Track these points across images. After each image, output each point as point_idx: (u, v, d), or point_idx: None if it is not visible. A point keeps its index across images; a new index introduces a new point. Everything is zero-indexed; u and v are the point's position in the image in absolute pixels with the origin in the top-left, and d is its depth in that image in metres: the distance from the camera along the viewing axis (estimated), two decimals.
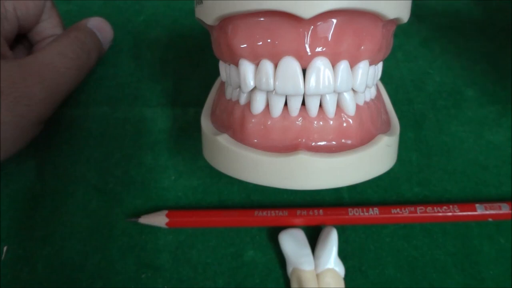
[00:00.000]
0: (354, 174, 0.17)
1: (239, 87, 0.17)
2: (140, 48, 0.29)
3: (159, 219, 0.22)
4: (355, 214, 0.22)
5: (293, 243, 0.21)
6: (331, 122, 0.17)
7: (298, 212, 0.22)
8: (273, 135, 0.17)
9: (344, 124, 0.17)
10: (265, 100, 0.17)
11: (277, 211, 0.22)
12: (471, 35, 0.31)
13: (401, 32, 0.31)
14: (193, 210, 0.23)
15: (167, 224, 0.22)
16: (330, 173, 0.16)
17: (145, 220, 0.22)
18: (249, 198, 0.23)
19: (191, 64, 0.28)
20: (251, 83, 0.17)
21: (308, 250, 0.21)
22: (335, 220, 0.22)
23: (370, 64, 0.17)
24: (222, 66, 0.19)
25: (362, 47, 0.16)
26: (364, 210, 0.22)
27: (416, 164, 0.25)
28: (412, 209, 0.22)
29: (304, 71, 0.16)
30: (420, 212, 0.22)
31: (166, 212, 0.22)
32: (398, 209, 0.22)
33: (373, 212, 0.22)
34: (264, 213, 0.22)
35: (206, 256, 0.22)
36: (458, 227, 0.23)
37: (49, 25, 0.25)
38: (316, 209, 0.22)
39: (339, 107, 0.17)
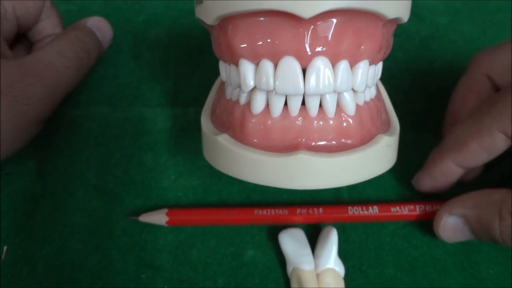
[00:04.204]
0: (354, 174, 0.17)
1: (239, 87, 0.17)
2: (140, 48, 0.29)
3: (159, 218, 0.22)
4: (355, 212, 0.22)
5: (293, 243, 0.21)
6: (331, 122, 0.17)
7: (298, 210, 0.22)
8: (273, 135, 0.17)
9: (344, 124, 0.17)
10: (265, 100, 0.17)
11: (277, 210, 0.22)
12: (470, 35, 0.31)
13: (401, 32, 0.31)
14: (193, 208, 0.23)
15: (167, 222, 0.22)
16: (330, 173, 0.16)
17: (145, 218, 0.22)
18: (249, 198, 0.23)
19: (191, 64, 0.28)
20: (251, 83, 0.17)
21: (308, 249, 0.21)
22: (335, 218, 0.22)
23: (370, 64, 0.17)
24: (222, 66, 0.19)
25: (362, 47, 0.16)
26: (364, 208, 0.22)
27: (416, 164, 0.25)
28: (412, 207, 0.22)
29: (304, 71, 0.16)
30: (420, 211, 0.22)
31: (166, 210, 0.22)
32: (397, 207, 0.22)
33: (373, 211, 0.22)
34: (264, 211, 0.22)
35: (206, 256, 0.22)
36: None
37: (48, 25, 0.25)
38: (316, 208, 0.22)
39: (339, 107, 0.17)
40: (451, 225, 0.20)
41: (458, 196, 0.21)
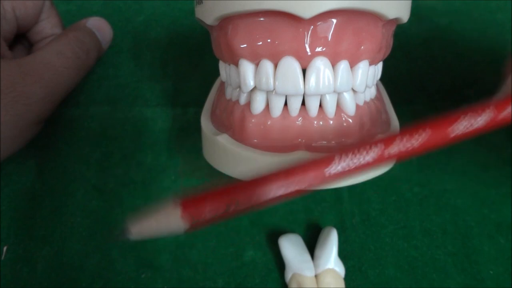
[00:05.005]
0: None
1: (239, 87, 0.17)
2: (140, 48, 0.29)
3: (170, 219, 0.12)
4: (406, 143, 0.15)
5: (293, 249, 0.21)
6: (331, 122, 0.17)
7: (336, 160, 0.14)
8: (273, 135, 0.17)
9: (344, 124, 0.17)
10: (265, 100, 0.17)
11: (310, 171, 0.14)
12: (470, 35, 0.31)
13: (401, 32, 0.31)
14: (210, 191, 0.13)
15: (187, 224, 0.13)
16: None
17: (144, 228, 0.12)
18: None
19: (191, 64, 0.28)
20: (251, 83, 0.17)
21: (308, 256, 0.21)
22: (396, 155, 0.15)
23: (370, 64, 0.17)
24: (222, 66, 0.19)
25: (362, 47, 0.16)
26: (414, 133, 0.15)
27: (416, 164, 0.25)
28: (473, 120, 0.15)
29: (304, 71, 0.16)
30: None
31: (176, 205, 0.13)
32: (454, 126, 0.16)
33: (426, 134, 0.15)
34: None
35: (206, 256, 0.22)
36: (458, 227, 0.23)
37: (48, 25, 0.25)
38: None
39: (339, 107, 0.17)
40: None
41: None
